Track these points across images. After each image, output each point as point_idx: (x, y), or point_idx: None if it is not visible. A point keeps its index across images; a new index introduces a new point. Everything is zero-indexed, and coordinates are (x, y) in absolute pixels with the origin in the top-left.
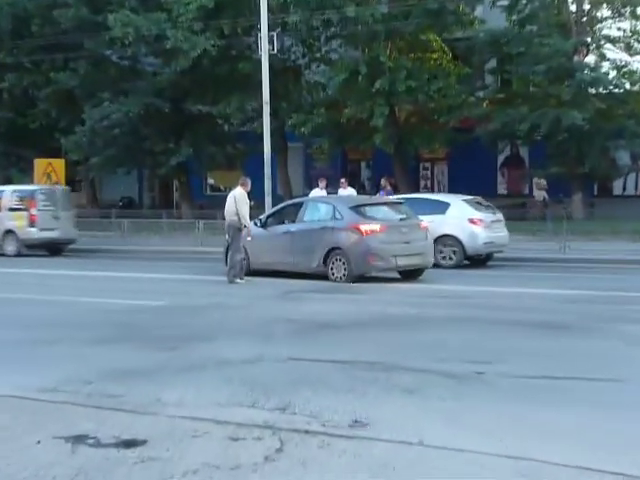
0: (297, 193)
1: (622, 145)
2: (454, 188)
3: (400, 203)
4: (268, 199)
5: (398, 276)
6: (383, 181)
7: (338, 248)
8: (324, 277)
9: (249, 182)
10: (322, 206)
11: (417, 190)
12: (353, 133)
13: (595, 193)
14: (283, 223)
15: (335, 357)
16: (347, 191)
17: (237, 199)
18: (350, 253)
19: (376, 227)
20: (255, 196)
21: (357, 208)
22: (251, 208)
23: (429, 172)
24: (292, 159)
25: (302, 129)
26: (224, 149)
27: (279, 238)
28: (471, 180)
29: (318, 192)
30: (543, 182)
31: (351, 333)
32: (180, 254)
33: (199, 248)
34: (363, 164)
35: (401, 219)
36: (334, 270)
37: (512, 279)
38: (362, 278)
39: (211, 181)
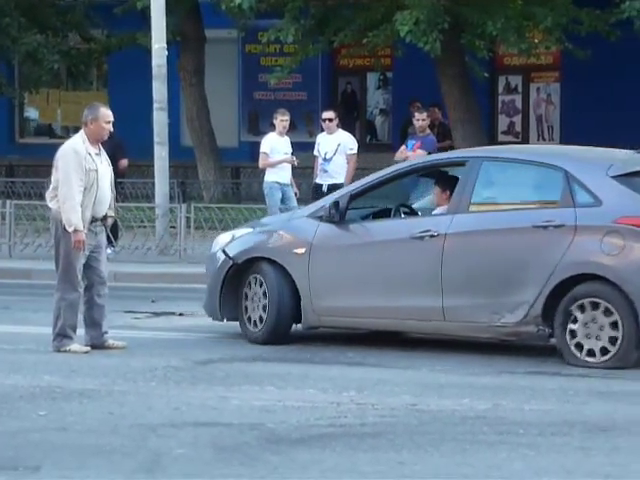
0: (227, 142)
1: None
2: (571, 134)
3: None
4: (160, 155)
5: None
6: (420, 116)
7: (593, 277)
8: (538, 351)
9: (103, 116)
10: (525, 172)
11: (493, 138)
12: (350, 11)
13: None
14: (403, 212)
15: None
16: (337, 137)
17: (61, 162)
18: (636, 292)
19: None
20: (133, 148)
21: (638, 178)
22: (122, 176)
23: (518, 99)
24: (215, 66)
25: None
26: (62, 41)
27: (394, 251)
28: (617, 118)
29: (274, 140)
30: None
31: None
32: None
33: (7, 263)
34: (371, 79)
35: None
36: (580, 335)
37: None
38: None
39: (32, 114)
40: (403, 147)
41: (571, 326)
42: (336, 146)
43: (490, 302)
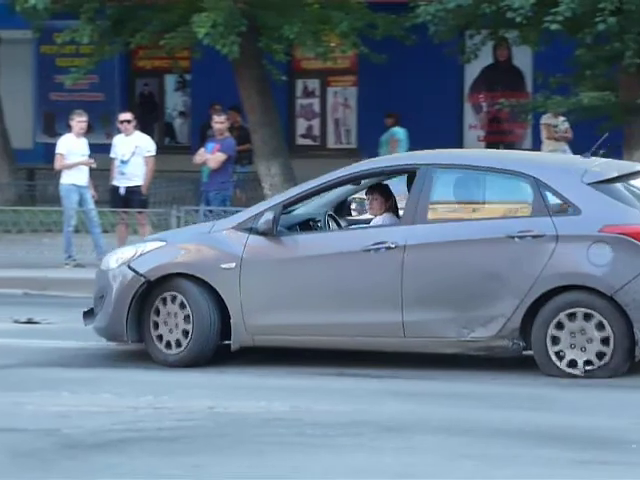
0: (21, 144)
1: None
2: (368, 138)
3: None
4: None
5: None
6: (218, 119)
7: (577, 288)
8: (519, 363)
9: None
10: (487, 180)
11: (291, 141)
12: (147, 12)
13: None
14: (344, 223)
15: None
16: (135, 139)
17: None
18: (630, 303)
19: None
20: None
21: (613, 185)
22: None
23: (316, 103)
24: (9, 67)
25: None
26: None
27: (342, 264)
28: (413, 122)
29: (71, 141)
30: (563, 126)
31: None
32: None
33: None
34: (170, 81)
35: None
36: (563, 347)
37: None
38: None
39: None
40: (202, 150)
41: (554, 336)
42: (134, 148)
43: (459, 316)
